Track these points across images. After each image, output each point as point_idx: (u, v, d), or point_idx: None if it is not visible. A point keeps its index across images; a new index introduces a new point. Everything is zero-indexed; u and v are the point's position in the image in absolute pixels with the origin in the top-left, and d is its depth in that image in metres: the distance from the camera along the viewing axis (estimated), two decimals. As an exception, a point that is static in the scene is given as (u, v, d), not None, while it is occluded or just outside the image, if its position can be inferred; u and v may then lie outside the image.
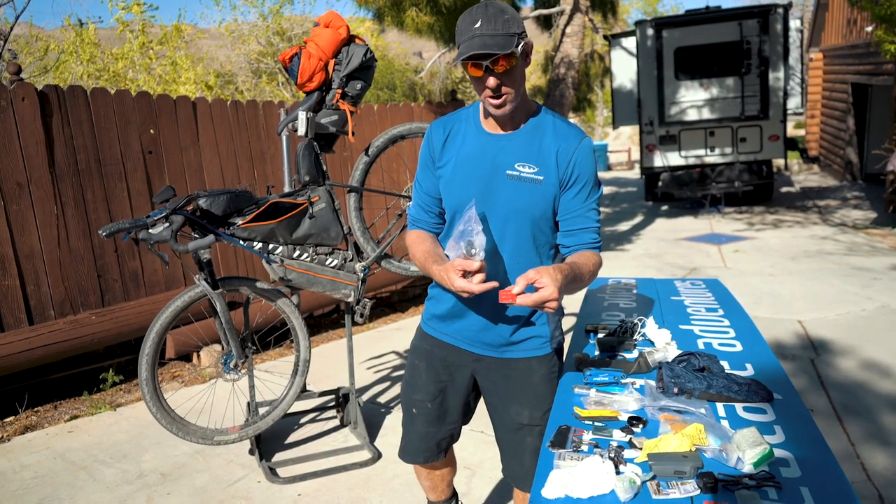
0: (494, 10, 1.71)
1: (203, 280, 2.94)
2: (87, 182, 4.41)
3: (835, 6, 14.29)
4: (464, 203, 1.82)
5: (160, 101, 4.79)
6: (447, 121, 1.98)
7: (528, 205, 1.84)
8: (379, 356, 4.94)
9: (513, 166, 1.83)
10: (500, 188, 1.84)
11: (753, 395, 1.71)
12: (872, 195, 11.38)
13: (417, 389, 2.13)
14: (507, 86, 1.74)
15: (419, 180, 2.03)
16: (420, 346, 2.16)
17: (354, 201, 3.39)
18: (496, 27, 1.68)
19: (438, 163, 1.95)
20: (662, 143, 11.16)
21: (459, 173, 1.90)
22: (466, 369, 2.07)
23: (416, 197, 2.05)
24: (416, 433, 2.16)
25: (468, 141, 1.91)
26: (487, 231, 1.86)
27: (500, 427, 2.09)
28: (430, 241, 1.99)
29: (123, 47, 10.89)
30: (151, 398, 2.90)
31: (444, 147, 1.94)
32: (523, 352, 2.00)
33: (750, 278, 6.73)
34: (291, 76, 3.14)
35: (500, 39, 1.67)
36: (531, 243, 1.89)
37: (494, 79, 1.72)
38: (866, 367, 4.22)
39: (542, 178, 1.82)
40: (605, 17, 10.55)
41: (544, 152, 1.83)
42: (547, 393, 1.99)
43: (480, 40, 1.67)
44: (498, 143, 1.86)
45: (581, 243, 1.88)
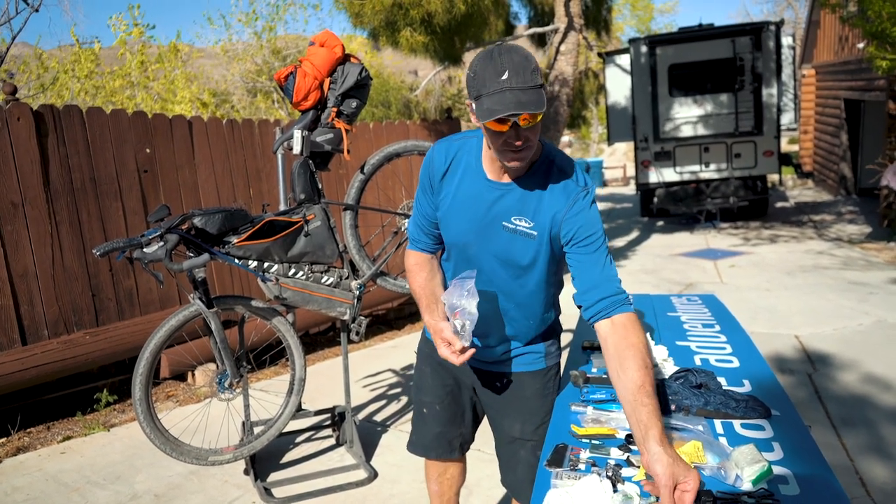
0: (520, 58, 1.58)
1: (198, 299, 2.92)
2: (83, 201, 4.40)
3: (826, 23, 14.44)
4: (460, 242, 1.88)
5: (156, 120, 4.80)
6: (450, 147, 1.89)
7: (520, 256, 1.83)
8: (375, 374, 4.92)
9: (509, 219, 1.79)
10: (496, 237, 1.82)
11: (751, 412, 1.70)
12: (867, 210, 11.42)
13: (425, 392, 2.17)
14: (531, 139, 1.65)
15: (419, 201, 1.99)
16: (424, 349, 2.20)
17: (350, 219, 3.39)
18: (526, 79, 1.56)
19: (438, 192, 1.90)
20: (657, 159, 11.21)
21: (456, 213, 1.87)
22: (467, 378, 2.11)
23: (415, 216, 2.03)
24: (428, 431, 2.18)
25: (467, 180, 1.84)
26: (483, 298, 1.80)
27: (497, 438, 2.12)
28: (427, 270, 1.99)
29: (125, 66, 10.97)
30: (145, 418, 2.87)
31: (444, 178, 1.88)
32: (515, 366, 2.02)
33: (746, 293, 6.73)
34: (287, 95, 3.15)
35: (533, 95, 1.56)
36: (519, 289, 1.90)
37: (521, 135, 1.62)
38: (864, 380, 4.21)
39: (536, 233, 1.79)
40: (599, 34, 10.63)
41: (541, 207, 1.77)
42: (539, 408, 2.00)
43: (513, 96, 1.55)
44: (496, 192, 1.80)
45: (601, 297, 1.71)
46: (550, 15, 8.92)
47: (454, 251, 1.95)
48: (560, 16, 7.73)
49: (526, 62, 1.58)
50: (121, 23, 10.54)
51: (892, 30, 7.63)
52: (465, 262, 1.92)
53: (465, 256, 1.92)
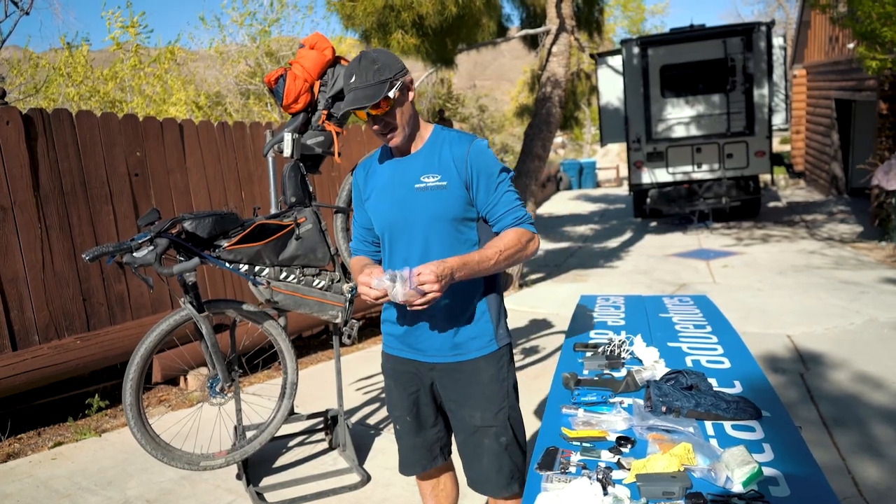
0: (367, 61, 1.92)
1: (188, 303, 2.91)
2: (73, 205, 4.38)
3: (817, 24, 14.51)
4: (389, 221, 2.07)
5: (146, 124, 4.78)
6: (367, 162, 2.20)
7: (440, 209, 1.99)
8: (368, 377, 4.90)
9: (419, 179, 2.01)
10: (414, 201, 2.01)
11: (742, 413, 1.70)
12: (858, 209, 11.48)
13: (394, 406, 2.25)
14: (391, 123, 1.95)
15: (356, 219, 2.26)
16: (386, 365, 2.28)
17: (341, 222, 3.38)
18: (367, 79, 1.89)
19: (366, 197, 2.14)
20: (650, 159, 11.24)
21: (381, 199, 2.09)
22: (426, 379, 2.16)
23: (355, 233, 2.28)
24: (406, 445, 2.26)
25: (383, 170, 2.11)
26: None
27: (458, 432, 2.16)
28: (367, 260, 2.20)
29: (114, 65, 10.88)
30: (136, 424, 2.86)
31: (366, 182, 2.14)
32: (471, 352, 2.06)
33: (738, 293, 6.75)
34: (277, 98, 3.15)
35: (370, 90, 1.89)
36: (455, 243, 2.02)
37: (378, 121, 1.94)
38: (856, 379, 4.23)
39: (446, 183, 1.98)
40: (590, 36, 10.64)
41: (444, 162, 2.00)
42: (496, 393, 2.07)
43: (354, 94, 1.91)
44: (404, 163, 2.05)
45: (504, 227, 2.03)
46: (542, 16, 8.93)
47: (386, 235, 2.09)
48: (552, 17, 7.73)
49: (371, 64, 1.91)
50: (116, 18, 10.44)
51: (881, 30, 7.67)
52: (398, 244, 2.05)
53: (395, 237, 2.06)
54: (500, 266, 1.96)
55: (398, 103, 1.95)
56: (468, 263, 1.89)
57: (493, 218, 2.03)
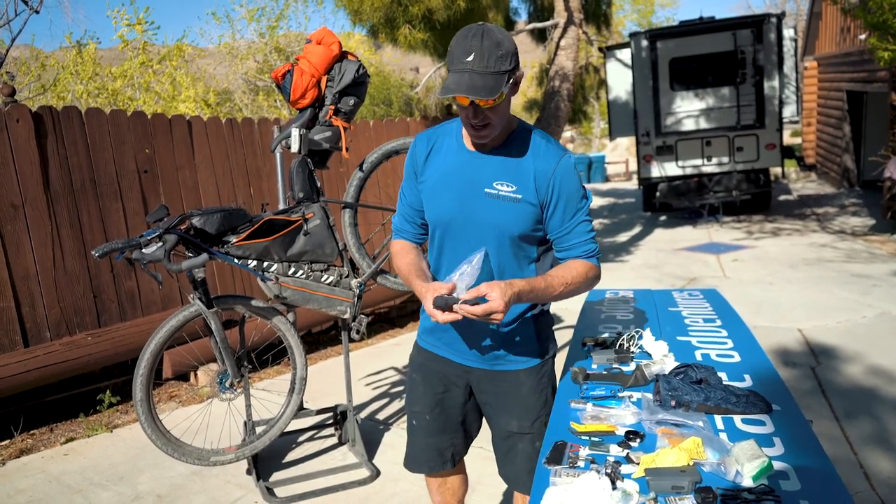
0: (490, 42, 1.64)
1: (197, 299, 2.92)
2: (83, 202, 4.40)
3: (828, 15, 14.37)
4: (445, 218, 1.90)
5: (155, 121, 4.79)
6: (432, 134, 1.98)
7: (506, 222, 1.84)
8: (377, 372, 4.91)
9: (491, 185, 1.83)
10: (479, 206, 1.85)
11: (752, 407, 1.69)
12: (870, 202, 11.38)
13: (415, 402, 2.16)
14: (492, 120, 1.73)
15: (403, 191, 2.06)
16: (416, 359, 2.19)
17: (349, 217, 3.38)
18: (488, 64, 1.64)
19: (421, 176, 1.97)
20: (659, 153, 11.17)
21: (440, 189, 1.91)
22: (461, 380, 2.08)
23: (400, 207, 2.09)
24: (418, 444, 2.18)
25: (450, 156, 1.91)
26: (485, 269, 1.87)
27: (494, 435, 2.12)
28: (413, 252, 2.02)
29: (123, 65, 10.92)
30: (146, 419, 2.87)
31: (427, 161, 1.95)
32: (512, 364, 2.01)
33: (749, 287, 6.71)
34: (284, 93, 3.15)
35: (489, 80, 1.64)
36: (512, 259, 1.90)
37: (479, 113, 1.71)
38: (868, 373, 4.19)
39: (521, 196, 1.82)
40: (598, 29, 10.59)
41: (523, 171, 1.82)
42: (536, 403, 2.02)
43: (469, 78, 1.64)
44: (477, 160, 1.86)
45: (571, 257, 1.89)
46: (550, 10, 8.88)
47: (438, 232, 1.95)
48: (560, 10, 7.70)
49: (495, 47, 1.64)
50: (122, 16, 10.47)
51: (893, 21, 7.59)
52: (451, 243, 1.92)
53: (450, 236, 1.92)
54: (560, 297, 1.84)
55: (506, 99, 1.73)
56: (534, 290, 1.76)
57: (562, 245, 1.88)
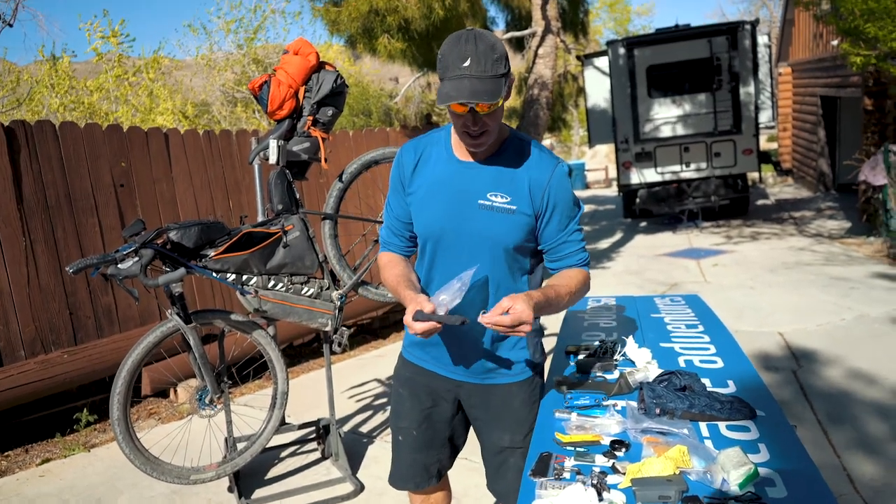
0: (485, 46, 1.61)
1: (175, 314, 2.87)
2: (58, 218, 4.33)
3: (801, 21, 14.61)
4: (435, 231, 1.85)
5: (131, 134, 4.73)
6: (418, 144, 1.93)
7: (501, 234, 1.80)
8: (360, 384, 4.86)
9: (484, 195, 1.79)
10: (472, 217, 1.81)
11: (736, 413, 1.68)
12: (846, 205, 11.54)
13: (402, 417, 2.10)
14: (489, 126, 1.70)
15: (390, 203, 2.00)
16: (402, 373, 2.14)
17: (329, 228, 3.35)
18: (486, 68, 1.60)
19: (409, 188, 1.92)
20: (638, 160, 11.25)
21: (430, 201, 1.86)
22: (450, 394, 2.04)
23: (386, 219, 2.03)
24: (404, 460, 2.12)
25: (439, 167, 1.86)
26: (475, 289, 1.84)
27: (485, 449, 2.07)
28: (402, 264, 1.97)
29: (99, 77, 10.79)
30: (124, 438, 2.81)
31: (415, 171, 1.90)
32: (503, 377, 1.97)
33: (730, 292, 6.76)
34: (261, 104, 3.11)
35: (489, 84, 1.60)
36: (506, 270, 1.87)
37: (478, 121, 1.67)
38: (848, 376, 4.23)
39: (515, 207, 1.79)
40: (576, 37, 10.67)
41: (517, 182, 1.79)
42: (527, 416, 1.97)
43: (469, 84, 1.59)
44: (470, 171, 1.82)
45: (566, 266, 1.88)
46: (528, 19, 8.94)
47: (429, 245, 1.89)
48: (537, 19, 7.74)
49: (490, 51, 1.62)
50: (95, 29, 10.36)
51: (864, 27, 7.72)
52: (443, 255, 1.88)
53: (441, 248, 1.87)
54: (565, 307, 1.83)
55: (501, 105, 1.69)
56: (548, 300, 1.72)
57: (555, 255, 1.87)
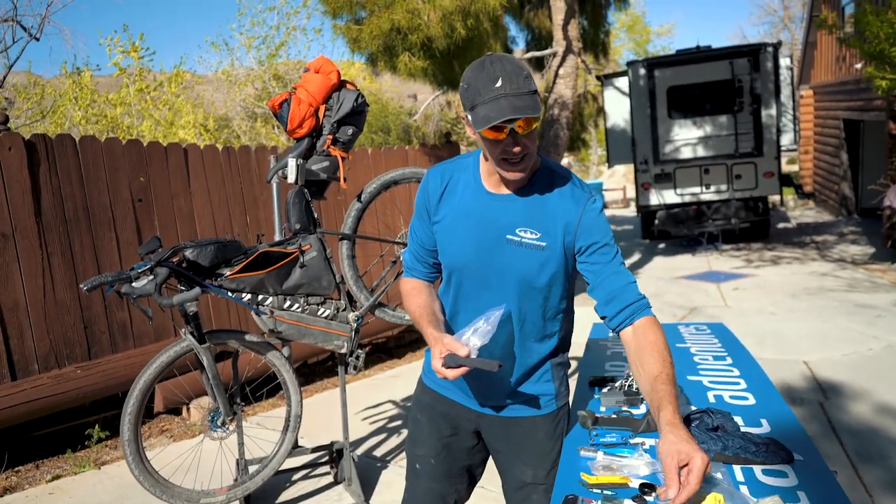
0: (513, 66, 1.56)
1: (189, 333, 2.83)
2: (75, 231, 4.32)
3: (823, 44, 14.50)
4: (461, 264, 1.79)
5: (150, 149, 4.74)
6: (445, 170, 1.84)
7: (529, 271, 1.72)
8: (375, 406, 4.79)
9: (514, 231, 1.71)
10: (501, 253, 1.73)
11: (772, 457, 1.59)
12: (869, 230, 11.35)
13: (420, 444, 2.02)
14: (529, 148, 1.61)
15: (414, 229, 1.93)
16: (421, 399, 2.05)
17: (347, 249, 3.30)
18: (520, 85, 1.54)
19: (434, 216, 1.84)
20: (658, 181, 11.16)
21: (456, 233, 1.78)
22: (470, 424, 1.96)
23: (411, 245, 1.96)
24: (420, 489, 2.03)
25: (466, 197, 1.78)
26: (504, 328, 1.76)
27: (506, 484, 1.99)
28: (426, 293, 1.90)
29: (120, 91, 10.92)
30: (134, 460, 2.76)
31: (442, 200, 1.82)
32: (527, 410, 1.89)
33: (751, 317, 6.62)
34: (281, 122, 3.09)
35: (527, 100, 1.54)
36: (536, 310, 1.79)
37: (519, 142, 1.58)
38: (879, 410, 4.09)
39: (545, 244, 1.70)
40: (596, 58, 10.65)
41: (548, 216, 1.70)
42: (551, 451, 1.89)
43: (508, 102, 1.52)
44: (499, 203, 1.73)
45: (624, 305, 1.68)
46: (548, 38, 8.92)
47: (455, 277, 1.82)
48: (558, 39, 7.72)
49: (518, 69, 1.57)
50: (115, 44, 10.49)
51: (890, 50, 7.62)
52: (469, 288, 1.81)
53: (467, 281, 1.81)
54: None
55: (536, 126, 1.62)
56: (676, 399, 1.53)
57: (606, 291, 1.71)
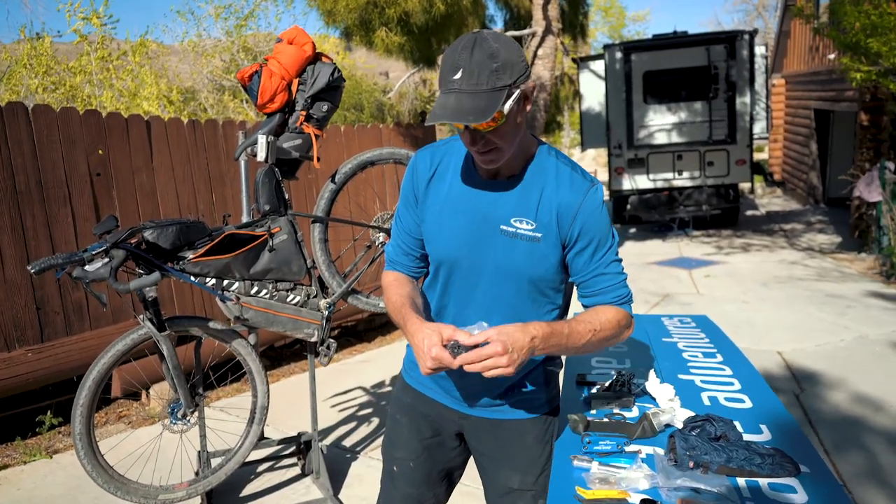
0: (482, 55, 1.38)
1: (148, 320, 2.63)
2: (27, 206, 4.06)
3: (797, 33, 14.56)
4: (451, 257, 1.65)
5: (110, 120, 4.47)
6: (436, 152, 1.70)
7: (525, 265, 1.59)
8: (344, 392, 4.65)
9: (508, 221, 1.58)
10: (493, 245, 1.59)
11: (779, 469, 1.49)
12: (836, 219, 11.49)
13: (398, 446, 1.88)
14: (496, 143, 1.46)
15: (400, 216, 1.77)
16: (402, 398, 1.90)
17: (319, 232, 3.12)
18: (479, 81, 1.38)
19: (422, 203, 1.70)
20: (631, 166, 11.13)
21: (446, 222, 1.64)
22: (453, 426, 1.83)
23: (395, 235, 1.80)
24: (397, 493, 1.90)
25: (457, 183, 1.64)
26: None
27: (489, 490, 1.85)
28: (409, 286, 1.74)
29: (80, 59, 10.42)
30: (86, 454, 2.57)
31: (430, 185, 1.68)
32: (515, 412, 1.76)
33: (724, 305, 6.62)
34: (251, 96, 2.88)
35: (481, 100, 1.37)
36: (530, 305, 1.65)
37: (478, 138, 1.46)
38: (854, 401, 4.08)
39: (541, 235, 1.57)
40: (574, 39, 10.52)
41: (543, 206, 1.57)
42: (541, 456, 1.77)
43: (456, 100, 1.38)
44: (491, 191, 1.60)
45: (601, 303, 1.63)
46: (527, 18, 8.74)
47: (443, 270, 1.69)
48: (538, 19, 7.55)
49: (489, 60, 1.38)
50: (76, 10, 10.00)
51: (867, 41, 7.62)
52: (458, 283, 1.67)
53: (457, 275, 1.66)
54: (588, 348, 1.57)
55: (511, 118, 1.44)
56: (555, 335, 1.47)
57: (589, 290, 1.62)
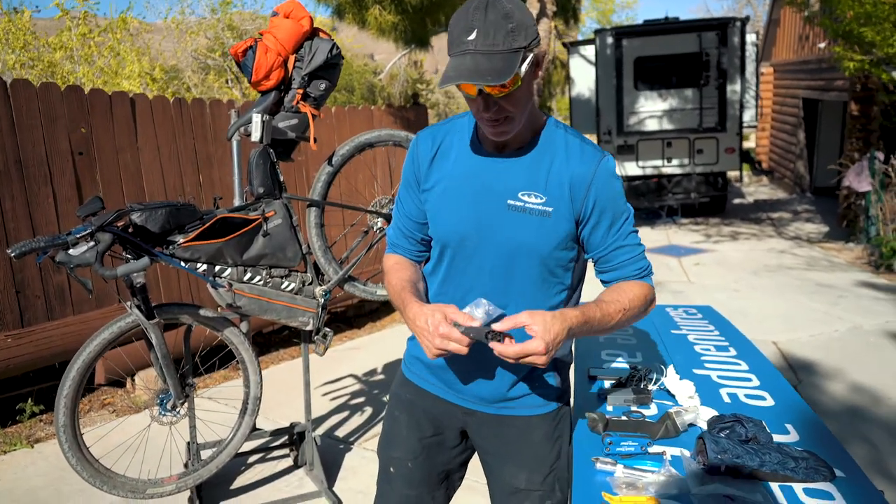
0: (497, 15, 1.33)
1: (135, 307, 2.51)
2: (6, 186, 3.88)
3: (786, 22, 14.53)
4: (456, 236, 1.56)
5: (93, 97, 4.29)
6: (437, 131, 1.64)
7: (534, 241, 1.51)
8: (335, 380, 4.55)
9: (515, 195, 1.50)
10: (500, 221, 1.52)
11: (813, 474, 1.42)
12: (823, 208, 11.53)
13: (396, 445, 1.78)
14: (509, 110, 1.40)
15: (401, 200, 1.70)
16: (401, 394, 1.80)
17: (315, 217, 3.00)
18: (495, 41, 1.32)
19: (424, 184, 1.62)
20: (620, 152, 11.06)
21: (451, 199, 1.57)
22: (456, 422, 1.73)
23: (396, 218, 1.73)
24: (394, 495, 1.79)
25: (461, 160, 1.57)
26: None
27: (495, 489, 1.76)
28: (411, 269, 1.67)
29: (61, 35, 10.10)
30: (71, 447, 2.46)
31: (433, 165, 1.61)
32: (523, 408, 1.67)
33: (715, 294, 6.58)
34: (245, 73, 2.74)
35: (497, 61, 1.32)
36: (540, 285, 1.56)
37: (491, 104, 1.39)
38: (853, 392, 4.05)
39: (552, 209, 1.49)
40: (567, 23, 10.39)
41: (553, 179, 1.49)
42: (549, 455, 1.67)
43: (472, 61, 1.32)
44: (498, 165, 1.53)
45: (622, 278, 1.57)
46: (520, 0, 8.59)
47: (448, 252, 1.61)
48: (532, 1, 7.41)
49: (504, 20, 1.33)
50: None
51: (860, 31, 7.56)
52: (463, 265, 1.58)
53: (462, 256, 1.58)
54: (615, 328, 1.51)
55: (526, 83, 1.39)
56: (589, 322, 1.42)
57: (607, 265, 1.57)
